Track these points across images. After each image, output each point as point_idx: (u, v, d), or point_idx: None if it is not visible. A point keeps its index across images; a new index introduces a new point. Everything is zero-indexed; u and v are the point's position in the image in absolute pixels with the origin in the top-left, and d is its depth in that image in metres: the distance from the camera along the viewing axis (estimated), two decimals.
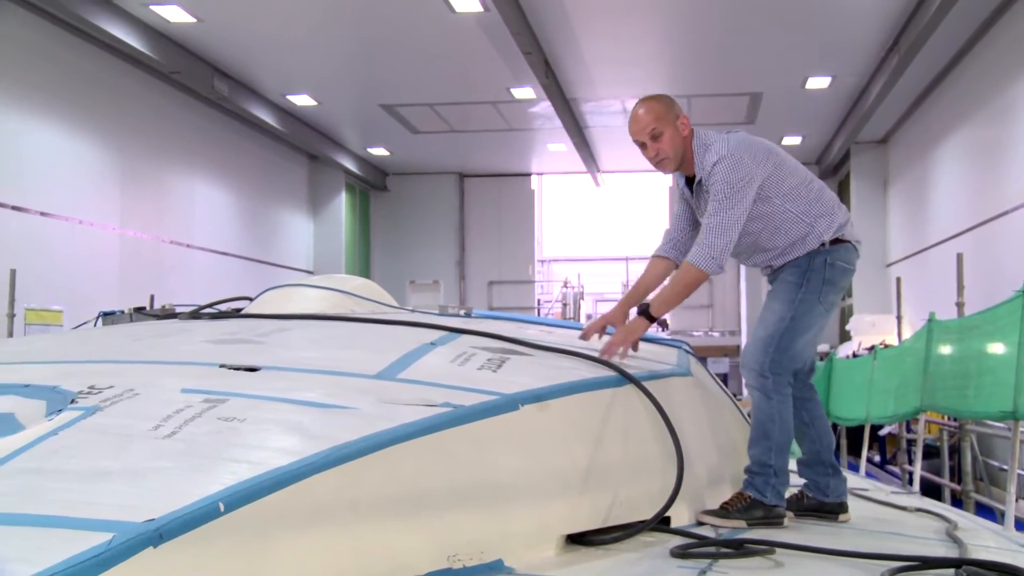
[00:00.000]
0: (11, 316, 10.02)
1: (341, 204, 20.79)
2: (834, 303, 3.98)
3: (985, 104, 13.08)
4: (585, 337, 4.03)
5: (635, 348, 3.85)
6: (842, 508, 4.05)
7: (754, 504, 3.68)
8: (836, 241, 3.89)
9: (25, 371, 2.90)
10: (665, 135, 3.85)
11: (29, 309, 10.96)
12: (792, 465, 4.08)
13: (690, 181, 3.99)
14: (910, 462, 9.49)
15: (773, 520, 3.69)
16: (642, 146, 3.93)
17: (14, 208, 11.19)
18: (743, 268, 21.69)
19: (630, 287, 4.25)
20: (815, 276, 3.86)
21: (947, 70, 14.47)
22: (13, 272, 10.03)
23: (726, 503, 3.68)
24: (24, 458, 2.14)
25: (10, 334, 9.99)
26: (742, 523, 3.59)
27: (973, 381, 6.56)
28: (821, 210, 3.90)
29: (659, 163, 3.91)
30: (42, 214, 11.68)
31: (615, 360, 3.61)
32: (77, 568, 1.64)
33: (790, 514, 3.88)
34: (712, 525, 3.52)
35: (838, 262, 3.89)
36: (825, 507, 4.03)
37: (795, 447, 4.13)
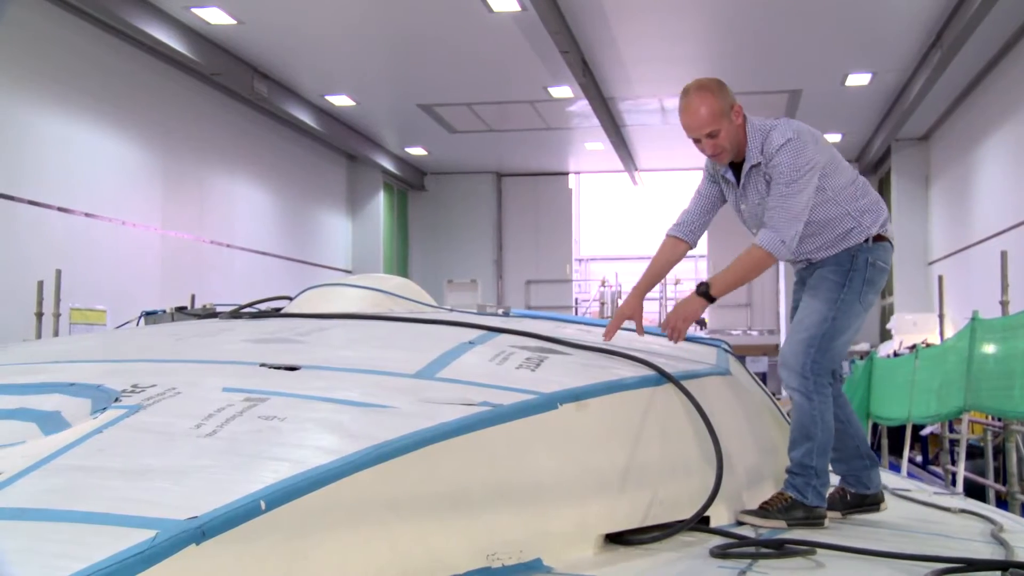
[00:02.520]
0: (57, 315, 10.16)
1: (379, 204, 20.88)
2: (872, 303, 3.94)
3: None
4: (607, 337, 3.94)
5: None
6: (882, 497, 4.05)
7: (794, 505, 3.65)
8: (877, 238, 3.86)
9: (70, 370, 2.93)
10: (723, 131, 3.75)
11: (74, 308, 11.12)
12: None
13: (734, 166, 3.91)
14: (953, 462, 9.37)
15: (814, 521, 3.65)
16: (695, 140, 3.83)
17: (60, 209, 11.36)
18: (782, 266, 21.52)
19: (646, 271, 4.14)
20: (857, 276, 3.81)
21: (990, 67, 14.27)
22: (59, 272, 10.17)
23: (766, 503, 3.64)
24: (69, 456, 2.17)
25: (56, 333, 10.14)
26: (782, 523, 3.55)
27: (1018, 380, 6.48)
28: (867, 205, 3.87)
29: (716, 156, 3.83)
30: (87, 215, 11.84)
31: (669, 343, 3.57)
32: (121, 565, 1.66)
33: (834, 514, 3.85)
34: (752, 525, 3.50)
35: (878, 262, 3.85)
36: (867, 500, 4.01)
37: None
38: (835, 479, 4.08)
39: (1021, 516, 6.24)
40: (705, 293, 3.75)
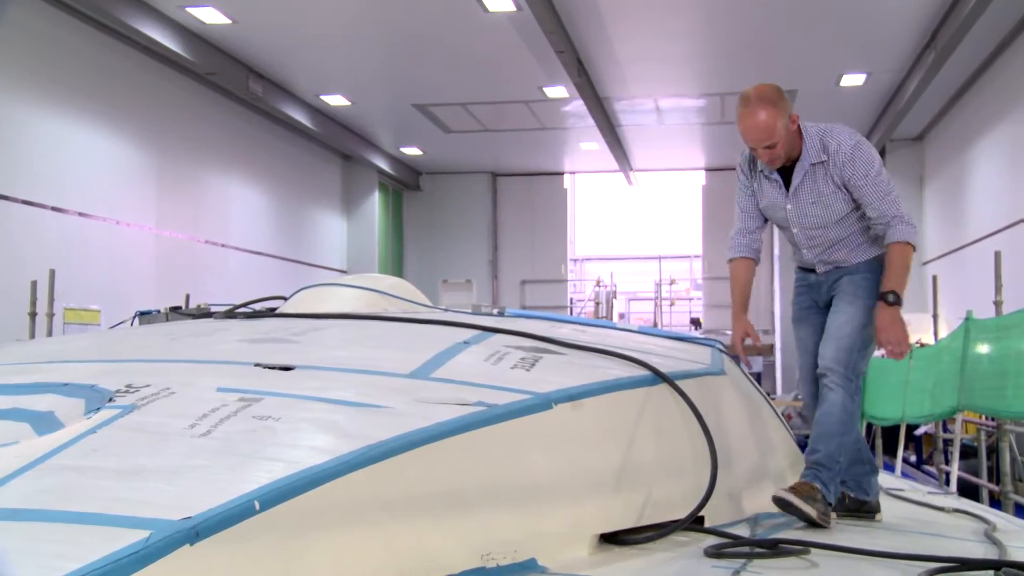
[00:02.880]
0: (50, 315, 10.15)
1: (374, 204, 20.87)
2: None
3: (1023, 101, 12.91)
4: (741, 357, 4.21)
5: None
6: (878, 507, 4.10)
7: (820, 498, 3.65)
8: None
9: (64, 370, 2.93)
10: (780, 142, 3.84)
11: (68, 308, 11.09)
12: None
13: (781, 168, 3.97)
14: (947, 462, 9.39)
15: (826, 518, 3.65)
16: (752, 147, 3.91)
17: (54, 209, 11.34)
18: (776, 266, 21.55)
19: (735, 294, 4.29)
20: (877, 281, 3.93)
21: (984, 67, 14.30)
22: (52, 272, 10.15)
23: (796, 488, 3.64)
24: (63, 456, 2.16)
25: (49, 333, 10.12)
26: (814, 511, 3.56)
27: (1011, 380, 6.49)
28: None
29: (771, 163, 3.92)
30: (80, 215, 11.82)
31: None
32: (115, 565, 1.65)
33: (834, 516, 3.87)
34: (788, 502, 3.53)
35: None
36: (866, 506, 4.07)
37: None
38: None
39: (1014, 516, 6.25)
40: (896, 300, 3.82)
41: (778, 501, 3.59)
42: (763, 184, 4.08)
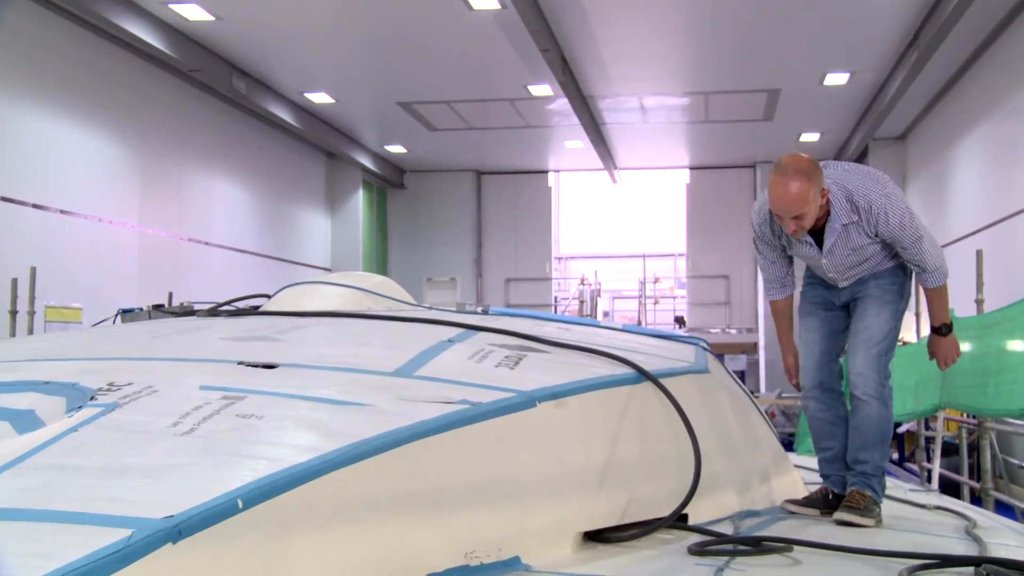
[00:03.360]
0: (31, 313, 10.09)
1: (359, 201, 20.84)
2: None
3: (1005, 100, 12.99)
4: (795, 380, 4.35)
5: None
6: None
7: (875, 503, 3.86)
8: None
9: (45, 368, 2.91)
10: (808, 215, 3.84)
11: (49, 306, 11.04)
12: (811, 463, 4.11)
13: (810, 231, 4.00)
14: (929, 460, 9.45)
15: (880, 522, 3.84)
16: (777, 216, 3.91)
17: (35, 206, 11.27)
18: (760, 267, 21.61)
19: (782, 325, 4.46)
20: (908, 286, 4.12)
21: (966, 67, 14.38)
22: (33, 270, 10.10)
23: (852, 502, 3.82)
24: (44, 455, 2.15)
25: (30, 331, 10.06)
26: (872, 521, 3.76)
27: (992, 379, 6.54)
28: None
29: (794, 233, 3.93)
30: (62, 212, 11.75)
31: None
32: (97, 564, 1.64)
33: (813, 512, 3.97)
34: (854, 524, 3.70)
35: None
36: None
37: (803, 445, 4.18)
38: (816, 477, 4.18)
39: (995, 512, 6.29)
40: (949, 331, 4.19)
41: (840, 523, 3.74)
42: (793, 243, 4.11)
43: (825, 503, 4.04)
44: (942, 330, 4.16)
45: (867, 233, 3.93)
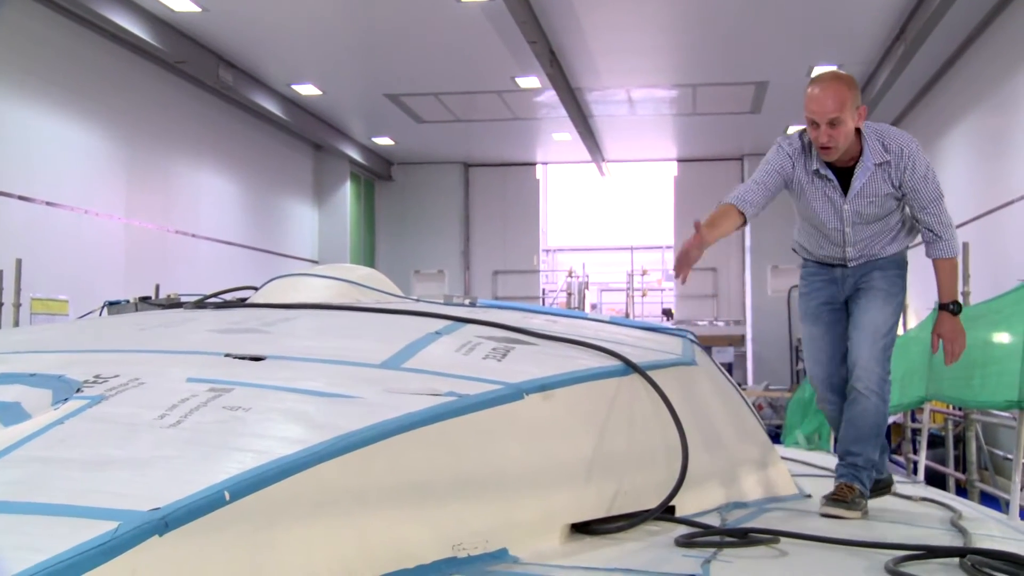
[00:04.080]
0: (17, 305, 10.04)
1: (346, 194, 20.79)
2: None
3: (991, 93, 13.04)
4: (677, 271, 3.80)
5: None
6: (892, 480, 4.38)
7: (860, 495, 3.86)
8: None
9: (31, 360, 2.90)
10: (845, 125, 3.77)
11: (35, 299, 10.99)
12: (798, 455, 4.14)
13: (834, 169, 3.93)
14: (915, 451, 9.49)
15: (865, 515, 3.85)
16: (812, 124, 3.80)
17: (20, 198, 11.21)
18: (747, 259, 21.67)
19: (708, 221, 3.85)
20: (905, 278, 4.12)
21: (953, 59, 14.42)
22: (19, 262, 10.04)
23: (839, 495, 3.80)
24: (30, 447, 2.14)
25: (16, 323, 10.01)
26: (858, 514, 3.77)
27: (978, 371, 6.55)
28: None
29: (825, 149, 3.82)
30: (48, 204, 11.70)
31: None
32: (83, 556, 1.64)
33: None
34: (838, 517, 3.69)
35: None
36: (879, 484, 4.24)
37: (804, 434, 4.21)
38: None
39: (980, 504, 6.33)
40: (958, 309, 4.03)
41: (825, 516, 3.73)
42: (816, 184, 3.97)
43: None
44: (952, 307, 4.01)
45: (892, 182, 3.88)
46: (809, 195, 4.00)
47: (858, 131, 3.87)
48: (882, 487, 4.27)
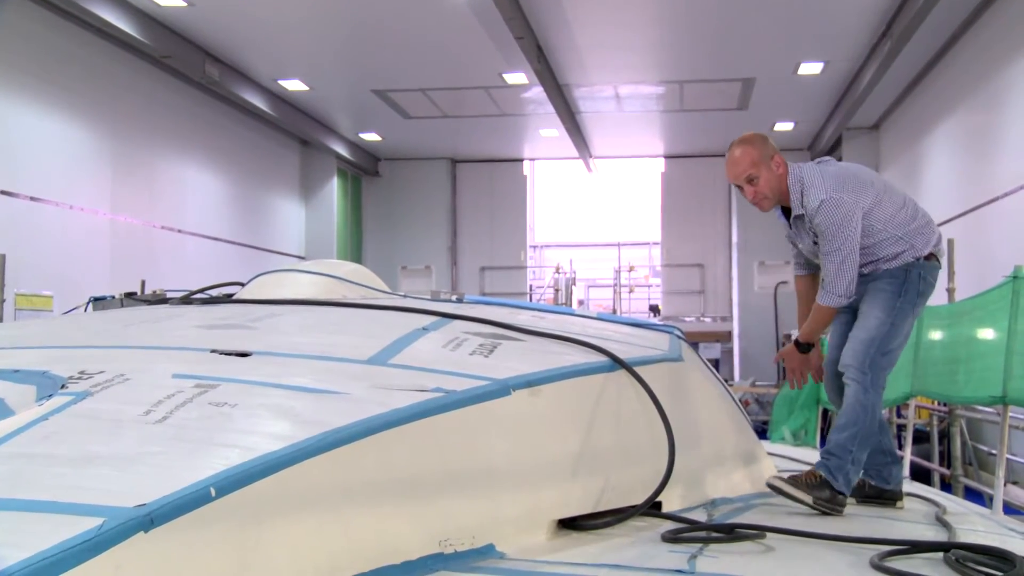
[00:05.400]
0: (1, 301, 9.98)
1: (333, 189, 20.75)
2: (919, 314, 4.32)
3: (976, 90, 13.09)
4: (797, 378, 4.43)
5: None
6: (900, 495, 4.26)
7: (823, 484, 3.82)
8: (928, 256, 4.15)
9: (15, 356, 2.89)
10: (761, 178, 4.07)
11: (19, 294, 10.93)
12: (785, 450, 4.15)
13: (786, 211, 4.22)
14: (900, 447, 9.53)
15: (835, 506, 3.81)
16: (739, 188, 4.16)
17: (4, 193, 11.15)
18: (735, 254, 21.72)
19: (801, 313, 4.50)
20: (911, 288, 4.09)
21: (939, 56, 14.47)
22: (3, 257, 9.98)
23: (797, 476, 3.84)
24: (14, 443, 2.13)
25: (0, 319, 9.96)
26: (808, 498, 3.76)
27: (963, 366, 6.59)
28: (917, 228, 4.15)
29: (758, 203, 4.14)
30: (32, 199, 11.63)
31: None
32: (68, 553, 1.63)
33: (850, 500, 4.02)
34: (779, 491, 3.75)
35: (928, 277, 4.16)
36: (886, 494, 4.24)
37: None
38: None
39: (964, 499, 6.36)
40: (799, 343, 4.29)
41: (769, 487, 3.80)
42: (793, 233, 4.33)
43: (861, 493, 4.20)
44: (802, 346, 4.28)
45: (810, 232, 4.10)
46: (795, 236, 4.35)
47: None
48: (888, 496, 4.24)
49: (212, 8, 12.64)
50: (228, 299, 4.45)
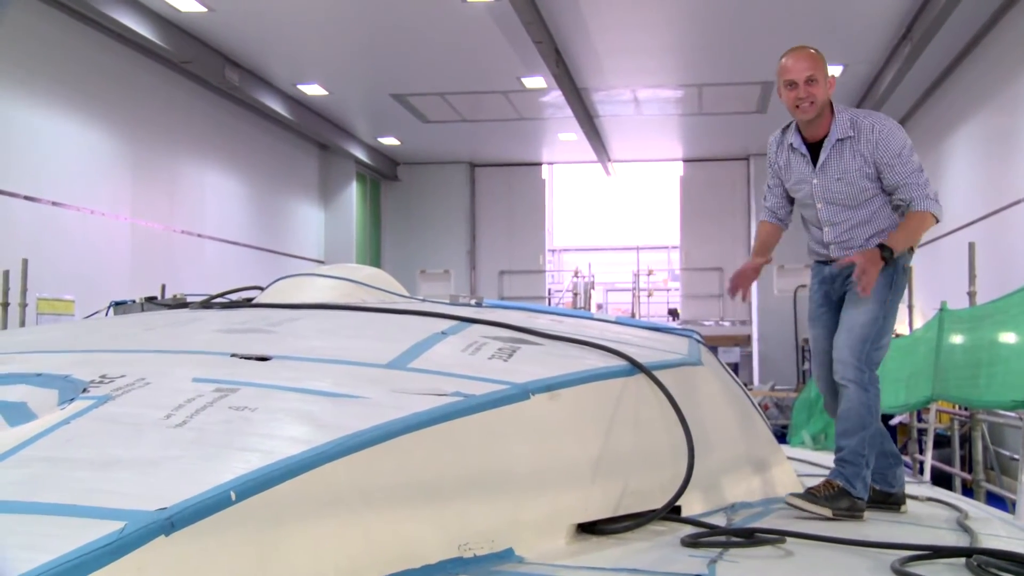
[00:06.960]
0: (23, 305, 10.05)
1: (352, 193, 20.80)
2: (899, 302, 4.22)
3: (997, 93, 13.01)
4: (731, 293, 4.43)
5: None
6: (904, 499, 4.21)
7: (841, 493, 3.77)
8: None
9: (37, 360, 2.90)
10: (819, 84, 4.02)
11: (41, 298, 11.00)
12: (804, 455, 4.13)
13: (807, 145, 4.13)
14: (921, 451, 9.47)
15: (855, 513, 3.76)
16: (790, 85, 4.06)
17: (27, 198, 11.23)
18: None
19: (755, 243, 4.57)
20: (899, 279, 4.09)
21: (959, 59, 14.39)
22: (25, 262, 10.06)
23: (813, 489, 3.76)
24: (36, 447, 2.15)
25: (22, 323, 10.03)
26: (827, 511, 3.68)
27: (984, 370, 6.55)
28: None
29: (800, 108, 4.05)
30: (54, 204, 11.72)
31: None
32: (89, 556, 1.64)
33: None
34: (799, 508, 3.65)
35: (907, 265, 4.16)
36: (891, 498, 4.18)
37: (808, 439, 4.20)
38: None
39: (986, 504, 6.32)
40: (887, 254, 3.93)
41: (788, 505, 3.72)
42: (791, 160, 4.21)
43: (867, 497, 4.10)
44: (885, 252, 3.92)
45: (862, 157, 3.99)
46: (790, 174, 4.23)
47: (832, 109, 4.09)
48: (892, 501, 4.18)
49: (232, 13, 12.71)
50: (248, 303, 4.46)
